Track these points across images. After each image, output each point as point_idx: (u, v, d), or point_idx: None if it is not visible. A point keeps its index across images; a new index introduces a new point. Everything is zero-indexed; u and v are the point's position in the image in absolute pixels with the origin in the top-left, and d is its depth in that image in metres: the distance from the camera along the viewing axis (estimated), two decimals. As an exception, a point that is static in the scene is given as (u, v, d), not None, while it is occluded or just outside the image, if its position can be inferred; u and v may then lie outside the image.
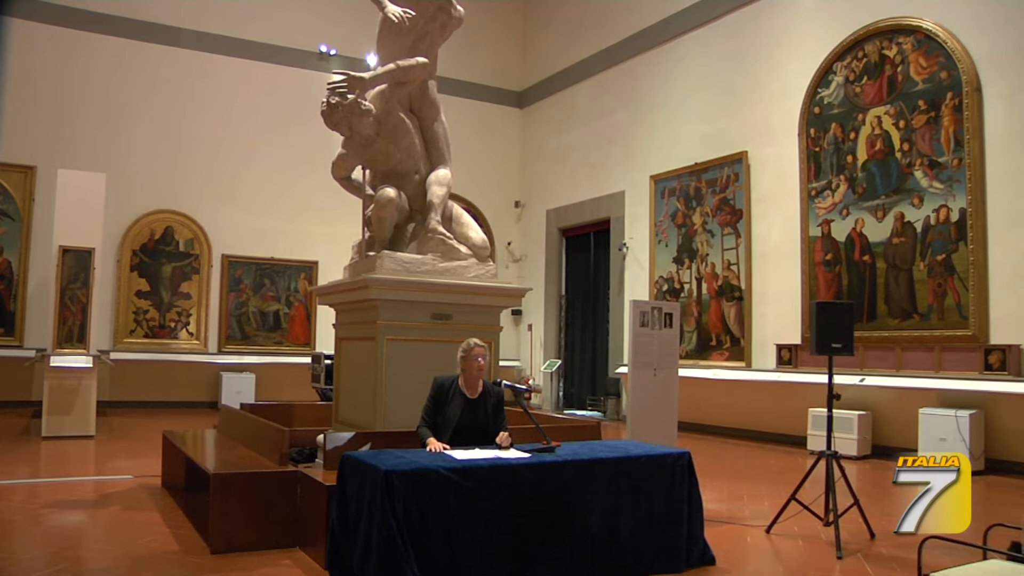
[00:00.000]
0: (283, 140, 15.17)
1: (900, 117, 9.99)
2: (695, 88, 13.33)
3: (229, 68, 14.99)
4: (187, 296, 14.52)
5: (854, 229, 10.44)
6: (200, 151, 14.65)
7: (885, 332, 9.94)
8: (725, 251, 12.41)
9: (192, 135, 14.62)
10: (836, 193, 10.69)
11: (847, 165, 10.57)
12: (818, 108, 10.99)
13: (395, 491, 3.79)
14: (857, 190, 10.42)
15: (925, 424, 9.00)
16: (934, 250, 9.54)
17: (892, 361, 9.86)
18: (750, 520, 6.12)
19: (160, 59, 14.46)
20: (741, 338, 12.02)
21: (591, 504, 4.33)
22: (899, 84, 10.03)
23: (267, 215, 15.04)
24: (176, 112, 14.53)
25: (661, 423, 6.67)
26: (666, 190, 13.61)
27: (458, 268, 6.09)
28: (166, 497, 6.50)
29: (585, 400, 15.75)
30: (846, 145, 10.61)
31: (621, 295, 14.51)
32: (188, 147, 14.57)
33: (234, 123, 14.96)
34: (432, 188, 6.24)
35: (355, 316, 6.21)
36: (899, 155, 9.96)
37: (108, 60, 14.10)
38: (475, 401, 4.87)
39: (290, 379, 14.17)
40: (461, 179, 7.98)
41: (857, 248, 10.40)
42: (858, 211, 10.40)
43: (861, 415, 9.77)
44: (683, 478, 4.68)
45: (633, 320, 6.70)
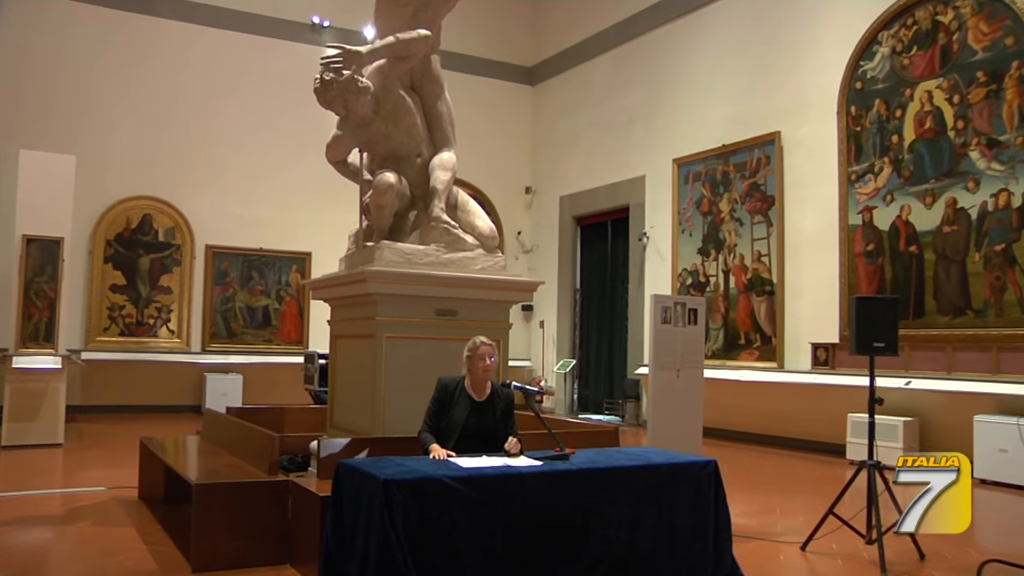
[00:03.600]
0: (273, 120, 15.20)
1: (954, 91, 9.90)
2: (722, 62, 13.28)
3: (213, 41, 15.02)
4: (167, 290, 14.58)
5: (899, 217, 10.39)
6: (181, 132, 14.69)
7: (934, 330, 9.90)
8: (755, 241, 12.38)
9: (172, 114, 14.66)
10: (879, 177, 10.64)
11: (892, 146, 10.52)
12: (860, 83, 10.93)
13: (395, 502, 3.80)
14: (903, 173, 10.36)
15: (981, 433, 8.95)
16: (992, 239, 9.46)
17: (942, 362, 9.81)
18: (783, 536, 6.11)
19: (136, 29, 14.49)
20: (772, 336, 12.00)
21: (608, 517, 4.33)
22: (954, 54, 9.93)
23: (255, 202, 15.08)
24: (154, 88, 14.56)
25: (685, 429, 6.67)
26: (690, 175, 13.57)
27: (464, 260, 6.10)
28: (143, 511, 6.52)
29: (602, 403, 15.75)
30: (891, 124, 10.56)
31: (641, 289, 14.49)
32: (168, 127, 14.61)
33: (219, 101, 15.00)
34: (435, 173, 6.25)
35: (352, 312, 6.23)
36: (952, 134, 9.88)
37: (78, 29, 14.11)
38: (482, 404, 4.89)
39: (281, 381, 14.22)
40: (467, 163, 7.98)
41: (902, 238, 10.35)
42: (904, 197, 10.35)
43: (907, 422, 9.73)
44: (709, 489, 4.68)
45: (654, 316, 6.69)
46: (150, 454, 6.81)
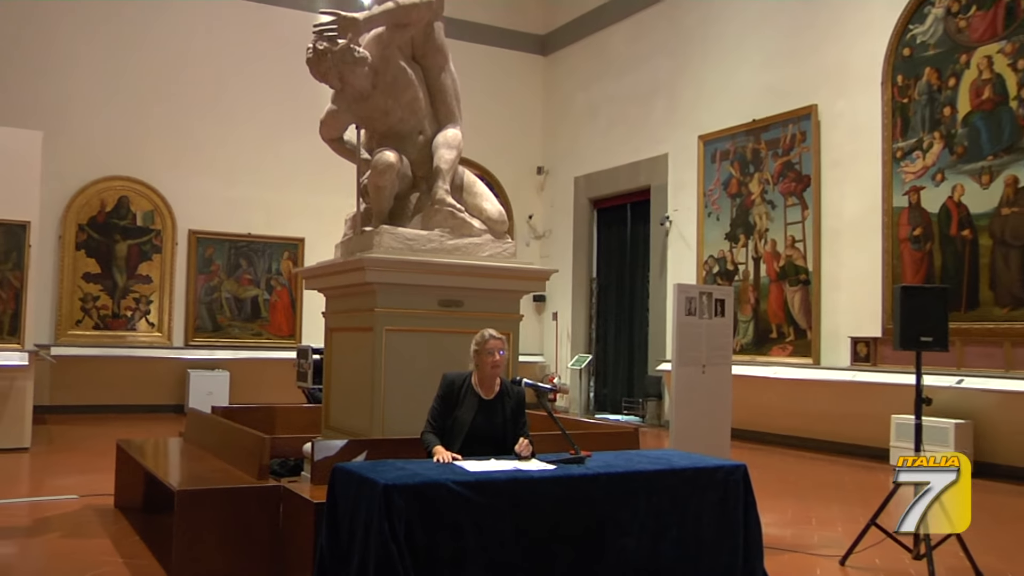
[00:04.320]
0: (262, 94, 15.21)
1: (1019, 56, 9.75)
2: (753, 29, 13.22)
3: (194, 6, 15.01)
4: (146, 280, 14.62)
5: (951, 198, 10.33)
6: (161, 106, 14.69)
7: (990, 323, 9.85)
8: (789, 225, 12.35)
9: (151, 87, 14.65)
10: (928, 154, 10.58)
11: (944, 119, 10.45)
12: (908, 49, 10.85)
13: (396, 509, 3.83)
14: (956, 150, 10.30)
15: (1043, 437, 8.92)
16: (1059, 222, 9.39)
17: (999, 359, 9.76)
18: (820, 548, 6.11)
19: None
20: (808, 330, 11.98)
21: (628, 526, 4.35)
22: (1021, 13, 9.79)
23: (243, 183, 15.11)
24: (130, 59, 14.55)
25: (711, 430, 6.67)
26: (718, 153, 13.54)
27: (470, 246, 6.11)
28: (119, 520, 6.55)
29: (620, 402, 15.78)
30: (943, 94, 10.48)
31: (663, 278, 14.48)
32: (146, 101, 14.60)
33: (202, 73, 15.00)
34: (439, 151, 6.25)
35: (348, 303, 6.25)
36: (1015, 104, 9.76)
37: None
38: (491, 403, 4.91)
39: (271, 377, 14.28)
40: (473, 141, 7.97)
41: (954, 221, 10.30)
42: (956, 176, 10.28)
43: (959, 424, 9.70)
44: (738, 496, 4.69)
45: (678, 308, 6.69)
46: (128, 458, 6.83)
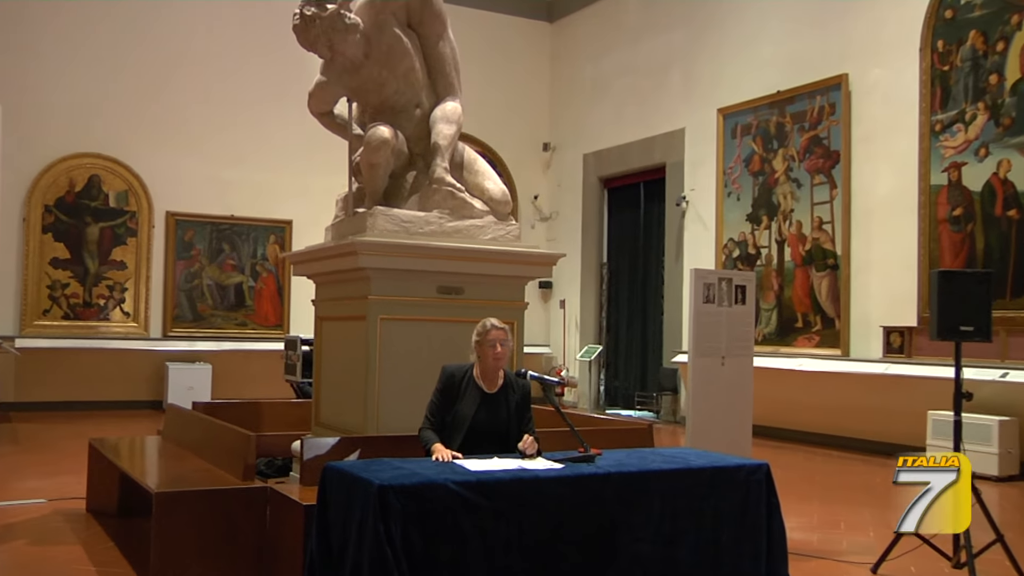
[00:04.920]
0: (245, 64, 15.19)
1: (1079, 15, 9.68)
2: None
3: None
4: (120, 265, 14.64)
5: (995, 174, 10.30)
6: (136, 77, 14.64)
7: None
8: (816, 206, 12.33)
9: (124, 56, 14.60)
10: (971, 127, 10.54)
11: (989, 88, 10.38)
12: (950, 11, 10.78)
13: (392, 512, 3.84)
14: (1002, 122, 10.24)
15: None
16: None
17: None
18: (849, 555, 6.12)
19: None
20: (836, 318, 11.98)
21: (641, 530, 4.37)
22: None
23: (225, 161, 15.09)
24: (102, 26, 14.50)
25: (731, 426, 6.69)
26: (738, 127, 13.51)
27: (471, 228, 6.11)
28: (92, 525, 6.56)
29: (633, 397, 15.81)
30: (989, 61, 10.41)
31: (680, 262, 14.48)
32: (119, 72, 14.57)
33: (181, 42, 14.95)
34: (438, 126, 6.25)
35: (340, 290, 6.27)
36: (1071, 70, 9.69)
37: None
38: (494, 397, 4.92)
39: (257, 370, 14.30)
40: (474, 115, 7.97)
41: (999, 200, 10.27)
42: (1002, 150, 10.24)
43: (1003, 421, 9.68)
44: (760, 498, 4.70)
45: (695, 295, 6.69)
46: (101, 458, 6.85)
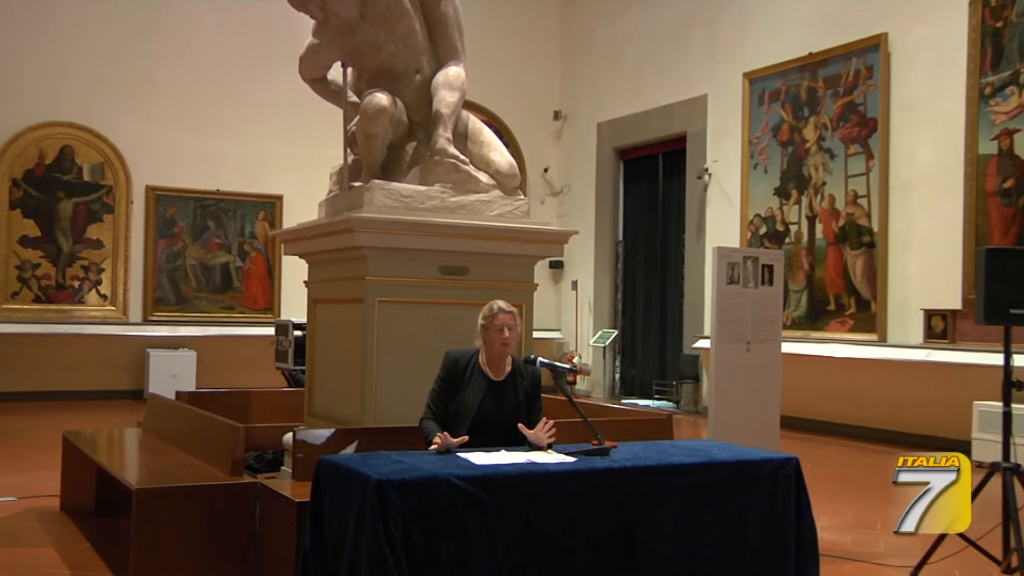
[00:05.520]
0: (232, 26, 15.16)
1: None
2: (810, -54, 13.13)
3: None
4: (96, 244, 14.65)
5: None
6: (111, 40, 14.61)
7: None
8: (850, 178, 12.30)
9: (100, 17, 14.55)
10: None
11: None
12: (1004, -40, 10.70)
13: (391, 508, 3.86)
14: (1061, 83, 10.19)
15: None
16: None
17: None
18: (886, 558, 6.13)
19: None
20: (872, 300, 11.97)
21: (659, 528, 4.38)
22: None
23: (210, 131, 15.08)
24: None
25: (757, 417, 6.70)
26: (766, 93, 13.47)
27: (476, 203, 6.11)
28: (66, 525, 6.59)
29: (651, 385, 15.85)
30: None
31: (701, 240, 14.48)
32: (93, 33, 14.52)
33: (160, 2, 14.95)
34: (440, 93, 6.24)
35: (335, 270, 6.28)
36: None
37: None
38: (501, 385, 4.94)
39: (245, 357, 14.32)
40: (479, 81, 7.95)
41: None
42: (1060, 116, 10.19)
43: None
44: (789, 494, 4.71)
45: (718, 275, 6.69)
46: (76, 453, 6.87)
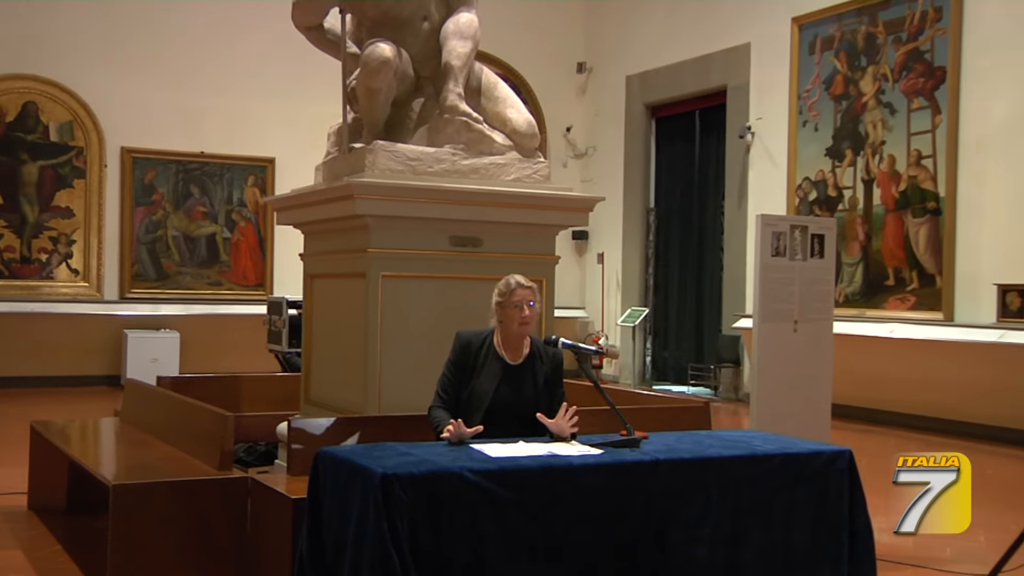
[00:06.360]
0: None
1: None
2: None
3: None
4: (66, 213, 14.69)
5: None
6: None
7: None
8: (913, 136, 12.23)
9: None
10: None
11: None
12: None
13: (397, 506, 3.87)
14: None
15: None
16: None
17: None
18: (954, 564, 6.12)
19: None
20: (937, 274, 11.92)
21: (695, 529, 4.39)
22: None
23: (193, 87, 15.10)
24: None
25: (805, 405, 6.69)
26: (818, 40, 13.40)
27: (491, 167, 6.10)
28: (35, 526, 6.63)
29: (685, 370, 15.84)
30: None
31: (743, 207, 14.45)
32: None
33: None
34: (450, 43, 6.22)
35: (334, 241, 6.29)
36: None
37: None
38: (518, 369, 4.95)
39: (235, 339, 14.38)
40: (493, 29, 7.94)
41: None
42: None
43: None
44: (841, 492, 4.71)
45: (761, 246, 6.69)
46: (46, 445, 6.91)
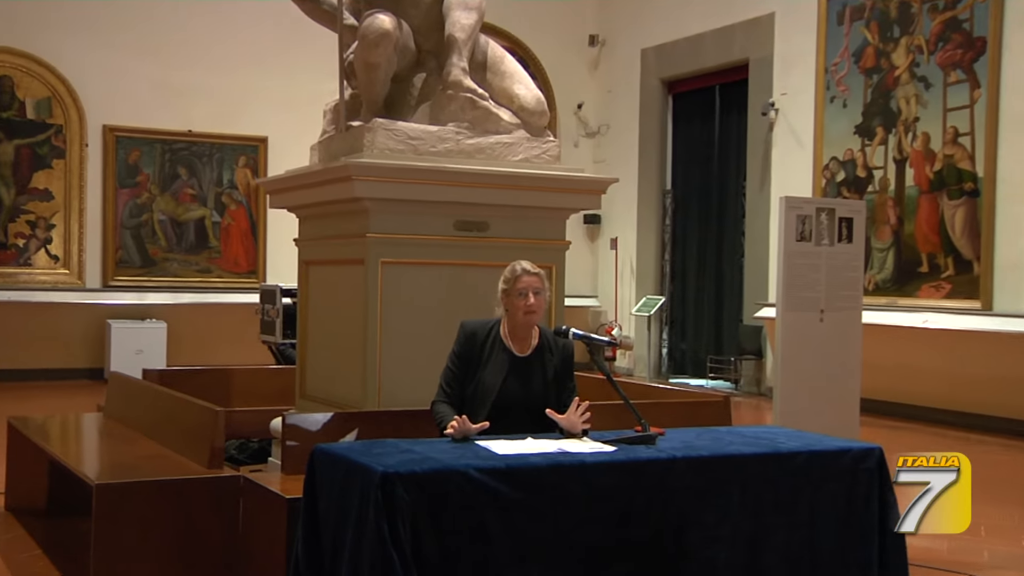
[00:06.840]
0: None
1: None
2: None
3: None
4: (45, 195, 14.69)
5: None
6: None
7: None
8: (949, 112, 12.21)
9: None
10: None
11: None
12: None
13: (398, 505, 3.88)
14: None
15: None
16: None
17: None
18: (992, 570, 6.14)
19: None
20: (975, 260, 11.90)
21: (715, 530, 4.40)
22: None
23: (180, 62, 15.08)
24: None
25: (832, 400, 6.70)
26: (847, 10, 13.37)
27: (497, 146, 6.11)
28: (13, 527, 6.67)
29: (704, 362, 15.86)
30: None
31: (766, 189, 14.45)
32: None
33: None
34: (454, 14, 6.23)
35: (331, 226, 6.31)
36: None
37: None
38: (526, 361, 4.96)
39: (226, 329, 14.44)
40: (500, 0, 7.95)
41: None
42: None
43: None
44: (871, 492, 4.72)
45: (785, 231, 6.69)
46: (24, 442, 6.93)
